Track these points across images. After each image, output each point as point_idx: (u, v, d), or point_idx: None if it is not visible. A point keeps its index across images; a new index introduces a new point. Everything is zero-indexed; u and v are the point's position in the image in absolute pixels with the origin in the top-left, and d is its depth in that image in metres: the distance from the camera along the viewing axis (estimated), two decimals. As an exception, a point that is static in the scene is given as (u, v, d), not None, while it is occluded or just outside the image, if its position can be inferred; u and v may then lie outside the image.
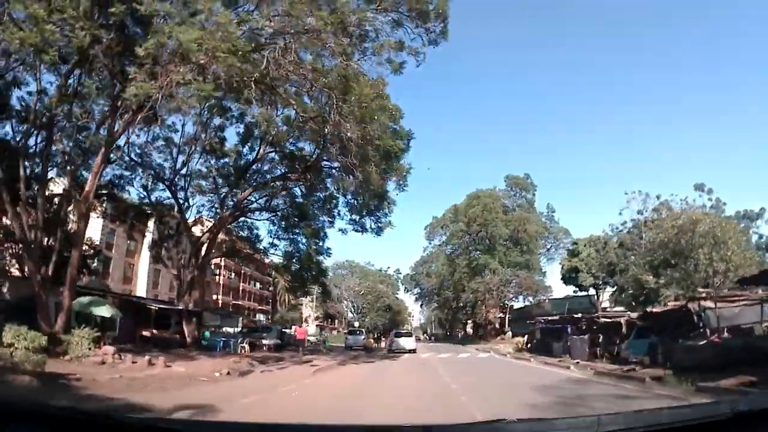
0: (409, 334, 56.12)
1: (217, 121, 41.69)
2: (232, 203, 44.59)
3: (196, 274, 43.55)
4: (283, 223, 47.82)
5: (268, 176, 44.81)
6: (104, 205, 43.90)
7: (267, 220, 49.02)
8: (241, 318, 66.20)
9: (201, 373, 21.95)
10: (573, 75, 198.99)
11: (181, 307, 43.10)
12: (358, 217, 43.75)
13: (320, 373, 26.41)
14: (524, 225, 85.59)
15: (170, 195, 43.98)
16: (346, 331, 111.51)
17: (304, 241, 47.86)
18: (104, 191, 39.24)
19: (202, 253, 44.48)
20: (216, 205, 46.63)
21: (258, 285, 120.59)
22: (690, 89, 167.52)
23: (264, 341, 48.59)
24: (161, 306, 49.21)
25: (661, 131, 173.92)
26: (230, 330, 56.86)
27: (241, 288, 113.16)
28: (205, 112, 38.33)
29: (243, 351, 42.07)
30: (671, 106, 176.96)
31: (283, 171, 43.64)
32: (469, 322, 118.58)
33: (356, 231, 44.24)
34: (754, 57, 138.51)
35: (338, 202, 44.83)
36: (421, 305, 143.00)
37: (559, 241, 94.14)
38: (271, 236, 49.83)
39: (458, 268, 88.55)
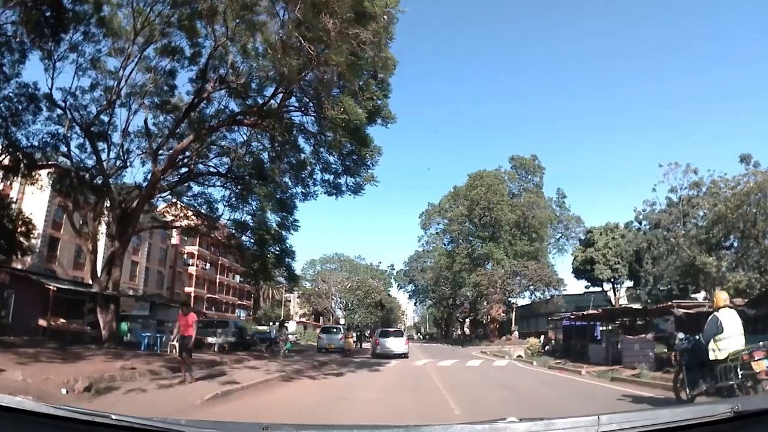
0: (398, 333, 42.96)
1: (166, 64, 32.42)
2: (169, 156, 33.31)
3: (117, 247, 31.49)
4: (238, 186, 36.13)
5: (215, 120, 33.64)
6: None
7: (222, 186, 37.87)
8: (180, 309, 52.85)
9: (36, 387, 13.45)
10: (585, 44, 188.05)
11: (95, 290, 31.52)
12: (332, 177, 33.39)
13: (219, 404, 13.75)
14: (532, 210, 73.65)
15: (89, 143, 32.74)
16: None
17: (267, 213, 37.03)
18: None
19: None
20: (146, 158, 35.14)
21: (238, 278, 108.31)
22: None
23: (211, 339, 38.32)
24: (65, 287, 37.67)
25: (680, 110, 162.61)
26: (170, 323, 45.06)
27: (217, 280, 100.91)
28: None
29: (174, 351, 31.02)
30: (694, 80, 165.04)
31: (234, 111, 32.61)
32: (467, 320, 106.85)
33: (330, 194, 33.85)
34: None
35: (314, 169, 34.48)
36: (416, 303, 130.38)
37: (571, 230, 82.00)
38: (224, 204, 38.00)
39: (457, 258, 76.24)
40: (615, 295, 77.70)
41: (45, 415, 2.66)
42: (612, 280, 75.27)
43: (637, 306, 44.66)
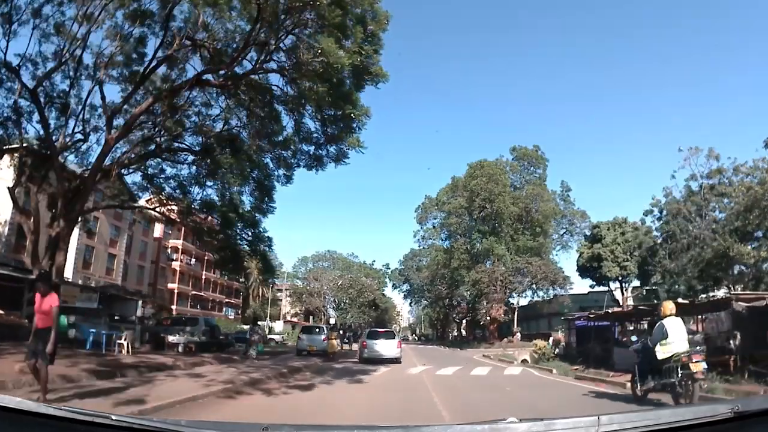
0: (389, 335, 36.50)
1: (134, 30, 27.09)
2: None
3: (62, 227, 26.52)
4: (208, 161, 30.92)
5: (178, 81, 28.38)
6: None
7: (194, 164, 32.36)
8: (141, 302, 46.55)
9: None
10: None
11: (33, 277, 25.83)
12: (313, 148, 28.35)
13: None
14: (536, 202, 68.59)
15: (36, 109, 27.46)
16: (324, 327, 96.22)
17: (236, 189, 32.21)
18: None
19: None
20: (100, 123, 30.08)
21: (226, 275, 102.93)
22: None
23: (173, 338, 33.44)
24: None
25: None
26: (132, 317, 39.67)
27: (203, 277, 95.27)
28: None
29: (122, 350, 26.11)
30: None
31: (200, 71, 26.85)
32: (464, 321, 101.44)
33: (311, 167, 28.76)
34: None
35: (296, 146, 29.24)
36: (411, 303, 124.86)
37: (576, 226, 76.23)
38: (193, 182, 32.61)
39: (455, 254, 70.92)
40: (623, 294, 72.44)
41: (45, 416, 2.59)
42: (620, 278, 69.99)
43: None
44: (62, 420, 2.57)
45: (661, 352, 13.72)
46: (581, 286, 77.50)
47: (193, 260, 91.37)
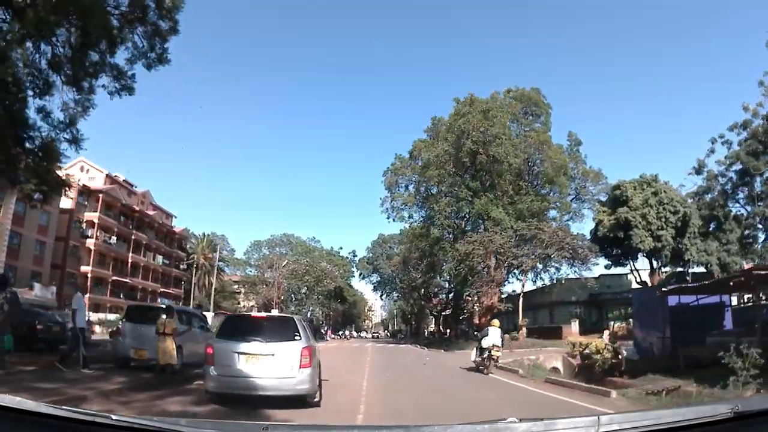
0: (279, 329, 11.84)
1: None
2: None
3: None
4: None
5: None
6: None
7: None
8: None
9: None
10: None
11: None
12: None
13: None
14: (542, 151, 48.76)
15: None
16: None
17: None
18: None
19: None
20: None
21: (162, 260, 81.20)
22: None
23: None
24: None
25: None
26: None
27: (130, 260, 73.42)
28: None
29: None
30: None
31: None
32: (442, 315, 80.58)
33: None
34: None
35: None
36: (381, 296, 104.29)
37: (589, 189, 55.06)
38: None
39: (436, 219, 49.84)
40: (654, 274, 52.40)
41: (45, 416, 2.48)
42: (652, 253, 49.92)
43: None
44: (62, 420, 2.45)
45: (483, 343, 22.13)
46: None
47: (114, 239, 69.61)
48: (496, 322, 23.96)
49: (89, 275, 64.04)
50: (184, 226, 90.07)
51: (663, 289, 22.95)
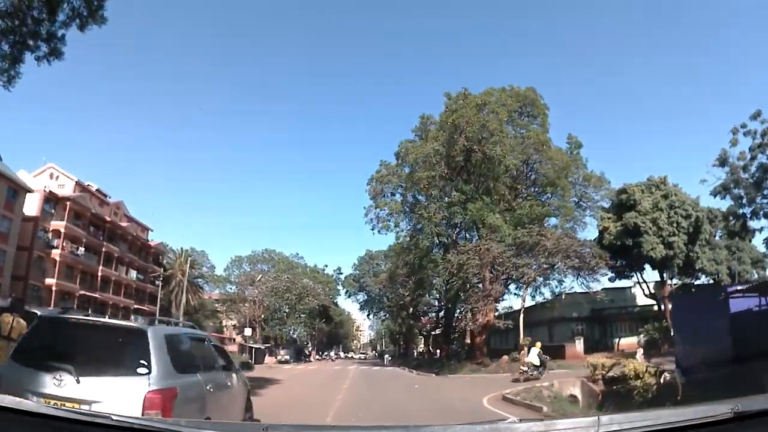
0: (112, 343, 6.20)
1: None
2: None
3: None
4: None
5: None
6: None
7: None
8: None
9: None
10: None
11: None
12: None
13: None
14: (541, 152, 43.27)
15: None
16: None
17: None
18: None
19: None
20: None
21: (136, 275, 74.42)
22: None
23: None
24: None
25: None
26: None
27: (99, 273, 66.79)
28: None
29: None
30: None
31: None
32: (432, 334, 74.50)
33: None
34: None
35: None
36: (368, 314, 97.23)
37: (592, 194, 48.93)
38: None
39: (426, 227, 43.30)
40: (665, 285, 46.83)
41: (45, 416, 2.45)
42: (664, 262, 44.29)
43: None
44: (62, 420, 2.42)
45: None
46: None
47: (83, 250, 63.10)
48: (538, 344, 28.33)
49: (54, 288, 57.60)
50: (161, 241, 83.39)
51: (730, 289, 16.95)
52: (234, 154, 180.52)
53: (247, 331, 75.36)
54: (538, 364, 27.03)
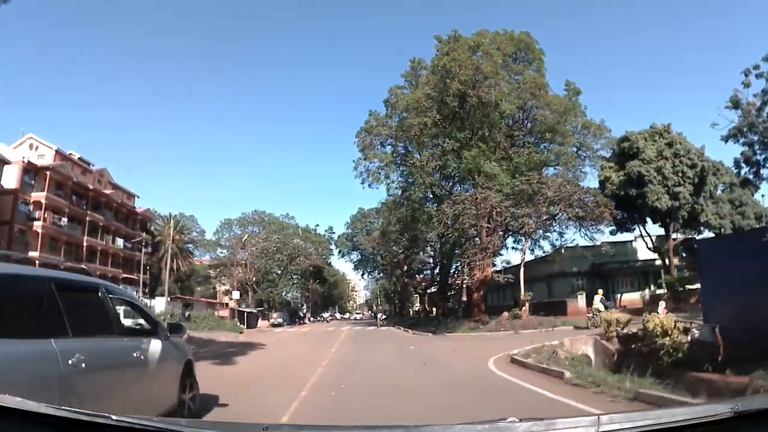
0: None
1: None
2: None
3: None
4: None
5: None
6: None
7: None
8: None
9: None
10: None
11: None
12: None
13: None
14: (541, 97, 39.65)
15: None
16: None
17: None
18: None
19: None
20: None
21: (122, 243, 71.42)
22: None
23: None
24: None
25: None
26: None
27: (84, 243, 64.02)
28: None
29: None
30: None
31: None
32: (427, 292, 72.05)
33: None
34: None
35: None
36: (362, 274, 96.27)
37: (593, 142, 45.41)
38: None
39: (417, 177, 40.15)
40: (669, 239, 44.47)
41: (45, 416, 2.41)
42: (669, 213, 41.84)
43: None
44: (62, 420, 2.39)
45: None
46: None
47: (66, 220, 60.26)
48: (600, 291, 29.74)
49: (36, 262, 54.68)
50: (148, 207, 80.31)
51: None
52: (220, 113, 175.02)
53: (235, 294, 72.91)
54: (603, 309, 26.18)
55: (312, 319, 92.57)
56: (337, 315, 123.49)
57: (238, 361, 18.57)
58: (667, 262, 45.43)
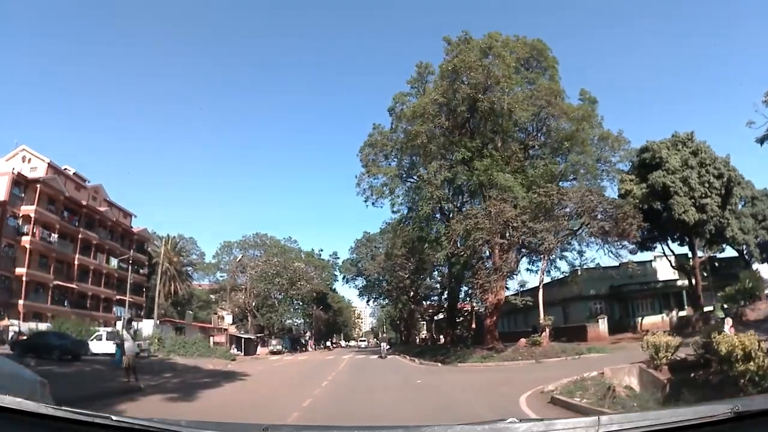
0: None
1: None
2: None
3: None
4: None
5: None
6: None
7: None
8: None
9: None
10: None
11: None
12: None
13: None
14: (555, 104, 35.82)
15: None
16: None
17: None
18: None
19: None
20: None
21: (115, 263, 67.74)
22: None
23: None
24: None
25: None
26: None
27: (76, 261, 60.57)
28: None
29: None
30: None
31: None
32: (434, 319, 68.51)
33: None
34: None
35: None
36: (368, 301, 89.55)
37: (612, 154, 41.57)
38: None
39: (424, 192, 36.47)
40: (695, 257, 40.92)
41: (45, 416, 2.39)
42: (697, 228, 38.29)
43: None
44: (62, 420, 2.36)
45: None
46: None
47: (56, 236, 56.87)
48: (729, 320, 22.86)
49: (23, 279, 51.45)
50: (145, 226, 76.79)
51: None
52: (223, 136, 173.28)
53: (227, 319, 69.34)
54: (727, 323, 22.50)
55: (315, 347, 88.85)
56: (342, 342, 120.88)
57: (201, 396, 15.22)
58: (693, 281, 41.66)
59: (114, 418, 2.34)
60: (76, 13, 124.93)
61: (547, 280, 38.87)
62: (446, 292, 55.54)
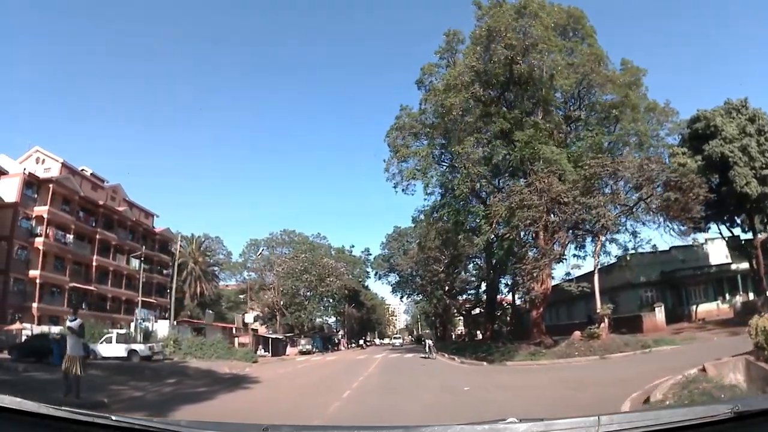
0: None
1: None
2: None
3: None
4: None
5: None
6: None
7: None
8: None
9: None
10: None
11: None
12: None
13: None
14: (599, 71, 32.37)
15: None
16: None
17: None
18: None
19: None
20: None
21: (137, 264, 64.91)
22: None
23: None
24: None
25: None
26: None
27: (94, 263, 58.09)
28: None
29: None
30: None
31: None
32: (472, 313, 65.03)
33: None
34: None
35: None
36: (401, 297, 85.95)
37: (662, 125, 37.72)
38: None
39: (461, 168, 31.95)
40: (755, 236, 36.74)
41: (45, 416, 2.38)
42: (756, 202, 33.95)
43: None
44: (62, 420, 2.36)
45: None
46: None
47: (72, 237, 54.32)
48: None
49: (37, 281, 49.02)
50: (167, 226, 74.06)
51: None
52: (250, 136, 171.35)
53: (248, 318, 66.42)
54: None
55: (348, 345, 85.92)
56: (376, 341, 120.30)
57: (174, 415, 11.77)
58: (754, 264, 37.36)
59: (114, 417, 2.30)
60: (116, 14, 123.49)
61: (593, 266, 34.87)
62: (483, 284, 52.32)
